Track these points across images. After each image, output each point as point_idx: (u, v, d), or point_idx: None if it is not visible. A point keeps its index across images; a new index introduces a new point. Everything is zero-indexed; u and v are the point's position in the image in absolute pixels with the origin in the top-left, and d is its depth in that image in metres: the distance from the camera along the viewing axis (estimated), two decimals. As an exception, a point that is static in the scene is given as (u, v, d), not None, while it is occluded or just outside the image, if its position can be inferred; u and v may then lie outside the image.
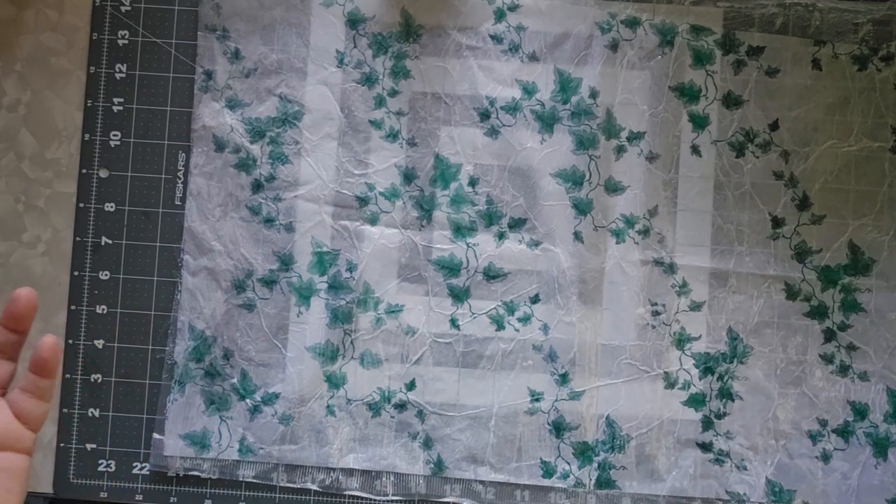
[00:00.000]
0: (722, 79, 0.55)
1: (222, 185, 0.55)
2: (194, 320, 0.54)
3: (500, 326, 0.54)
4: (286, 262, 0.55)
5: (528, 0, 0.55)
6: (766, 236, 0.54)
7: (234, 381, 0.54)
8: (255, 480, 0.54)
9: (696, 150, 0.55)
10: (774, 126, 0.55)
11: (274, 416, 0.54)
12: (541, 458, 0.54)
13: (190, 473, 0.54)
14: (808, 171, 0.54)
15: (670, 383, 0.54)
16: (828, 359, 0.54)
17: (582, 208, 0.55)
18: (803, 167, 0.54)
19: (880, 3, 0.54)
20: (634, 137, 0.55)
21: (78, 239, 0.55)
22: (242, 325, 0.55)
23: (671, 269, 0.54)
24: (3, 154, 0.56)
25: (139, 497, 0.54)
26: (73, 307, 0.55)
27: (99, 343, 0.55)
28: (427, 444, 0.54)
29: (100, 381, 0.55)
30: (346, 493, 0.54)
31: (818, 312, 0.54)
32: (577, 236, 0.55)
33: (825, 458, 0.53)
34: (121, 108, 0.56)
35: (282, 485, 0.54)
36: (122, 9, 0.56)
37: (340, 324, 0.54)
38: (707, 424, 0.54)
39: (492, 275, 0.55)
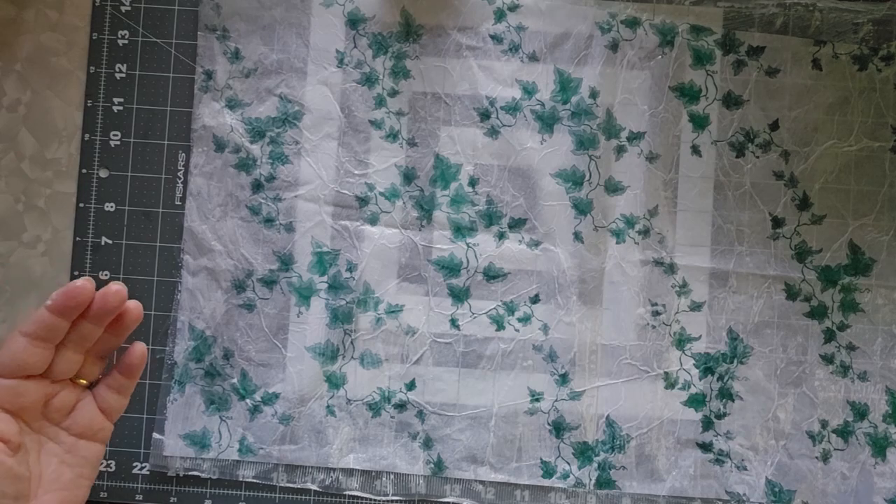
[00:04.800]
0: (722, 79, 0.55)
1: (222, 185, 0.55)
2: (194, 320, 0.54)
3: (500, 326, 0.54)
4: (286, 262, 0.55)
5: (528, 0, 0.55)
6: (766, 236, 0.54)
7: (234, 381, 0.54)
8: (255, 480, 0.54)
9: (696, 150, 0.55)
10: (774, 126, 0.55)
11: (274, 416, 0.54)
12: (541, 458, 0.54)
13: (190, 473, 0.54)
14: (808, 171, 0.54)
15: (670, 383, 0.54)
16: (828, 359, 0.54)
17: (582, 208, 0.55)
18: (803, 167, 0.54)
19: (880, 3, 0.54)
20: (634, 137, 0.55)
21: (78, 239, 0.55)
22: (242, 325, 0.55)
23: (671, 269, 0.54)
24: (3, 154, 0.56)
25: (139, 497, 0.54)
26: (73, 307, 0.55)
27: (99, 343, 0.55)
28: (427, 444, 0.54)
29: (100, 381, 0.55)
30: (346, 493, 0.54)
31: (818, 312, 0.54)
32: (577, 236, 0.54)
33: (825, 458, 0.53)
34: (121, 108, 0.56)
35: (282, 485, 0.54)
36: (122, 9, 0.56)
37: (340, 324, 0.54)
38: (707, 424, 0.54)
39: (492, 275, 0.55)
